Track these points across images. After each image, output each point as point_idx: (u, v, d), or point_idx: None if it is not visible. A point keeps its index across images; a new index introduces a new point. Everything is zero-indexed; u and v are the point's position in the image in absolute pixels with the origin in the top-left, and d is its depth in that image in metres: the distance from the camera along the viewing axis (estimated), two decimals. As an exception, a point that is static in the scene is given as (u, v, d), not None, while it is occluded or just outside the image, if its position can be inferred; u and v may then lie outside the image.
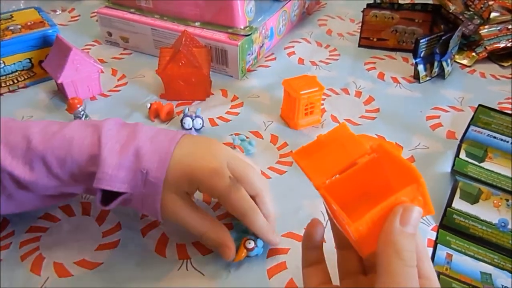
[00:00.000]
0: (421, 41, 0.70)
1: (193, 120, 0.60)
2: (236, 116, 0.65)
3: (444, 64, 0.73)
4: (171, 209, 0.41)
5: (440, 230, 0.47)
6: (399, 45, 0.83)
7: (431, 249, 0.46)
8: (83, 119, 0.61)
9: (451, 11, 0.79)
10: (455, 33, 0.72)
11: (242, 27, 0.72)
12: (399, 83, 0.74)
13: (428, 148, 0.60)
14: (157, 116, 0.64)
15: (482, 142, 0.56)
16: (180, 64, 0.64)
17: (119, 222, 0.48)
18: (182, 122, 0.61)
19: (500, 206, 0.49)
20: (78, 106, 0.60)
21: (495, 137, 0.55)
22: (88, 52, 0.80)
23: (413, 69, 0.75)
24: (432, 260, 0.44)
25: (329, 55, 0.82)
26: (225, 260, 0.43)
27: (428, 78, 0.74)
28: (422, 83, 0.74)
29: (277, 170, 0.56)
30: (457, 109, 0.68)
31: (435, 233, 0.47)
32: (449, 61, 0.74)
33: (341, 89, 0.72)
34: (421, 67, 0.73)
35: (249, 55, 0.73)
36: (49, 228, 0.48)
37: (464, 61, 0.79)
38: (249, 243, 0.43)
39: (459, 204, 0.49)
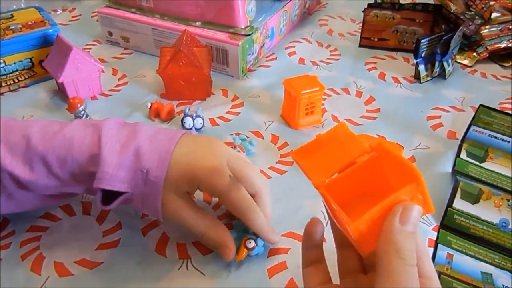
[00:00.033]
0: (422, 41, 0.70)
1: (193, 119, 0.60)
2: (236, 116, 0.65)
3: (445, 64, 0.73)
4: (172, 208, 0.41)
5: (440, 230, 0.47)
6: (400, 45, 0.83)
7: (432, 249, 0.45)
8: (84, 118, 0.61)
9: (452, 11, 0.79)
10: (456, 33, 0.72)
11: (243, 27, 0.72)
12: (400, 83, 0.74)
13: (429, 148, 0.60)
14: (158, 115, 0.64)
15: (483, 142, 0.56)
16: (180, 63, 0.64)
17: (119, 221, 0.48)
18: (182, 121, 0.61)
19: (501, 206, 0.48)
20: (78, 105, 0.60)
21: (496, 137, 0.55)
22: (88, 51, 0.80)
23: (414, 69, 0.74)
24: (433, 260, 0.44)
25: (330, 55, 0.82)
26: (225, 260, 0.43)
27: (429, 78, 0.74)
28: (423, 83, 0.74)
29: (278, 169, 0.56)
30: (458, 109, 0.68)
31: (436, 233, 0.47)
32: (450, 61, 0.74)
33: (341, 89, 0.72)
34: (422, 67, 0.73)
35: (250, 55, 0.73)
36: (50, 227, 0.48)
37: (465, 61, 0.79)
38: (250, 243, 0.43)
39: (460, 204, 0.49)
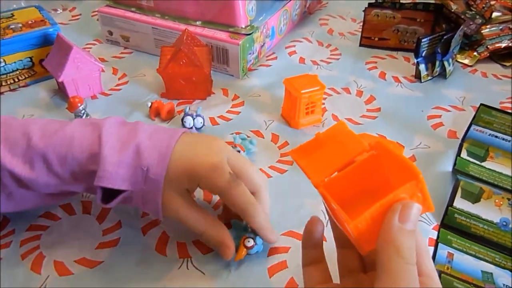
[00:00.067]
0: (422, 40, 0.70)
1: (194, 119, 0.60)
2: (237, 115, 0.65)
3: (445, 63, 0.73)
4: (172, 206, 0.41)
5: (441, 229, 0.47)
6: (400, 44, 0.83)
7: (433, 248, 0.45)
8: (84, 117, 0.61)
9: (453, 11, 0.79)
10: (457, 33, 0.72)
11: (243, 26, 0.72)
12: (401, 83, 0.74)
13: (429, 147, 0.60)
14: (158, 115, 0.64)
15: (483, 141, 0.56)
16: (181, 63, 0.64)
17: (119, 220, 0.48)
18: (183, 121, 0.61)
19: (501, 205, 0.48)
20: (78, 105, 0.60)
21: (496, 137, 0.55)
22: (89, 51, 0.80)
23: (415, 69, 0.74)
24: (433, 259, 0.44)
25: (330, 55, 0.82)
26: (224, 259, 0.43)
27: (429, 77, 0.74)
28: (423, 82, 0.73)
29: (278, 169, 0.56)
30: (459, 108, 0.68)
31: (436, 232, 0.47)
32: (450, 60, 0.74)
33: (342, 88, 0.72)
34: (422, 67, 0.73)
35: (250, 54, 0.73)
36: (50, 226, 0.48)
37: (465, 61, 0.79)
38: (248, 242, 0.43)
39: (460, 203, 0.49)
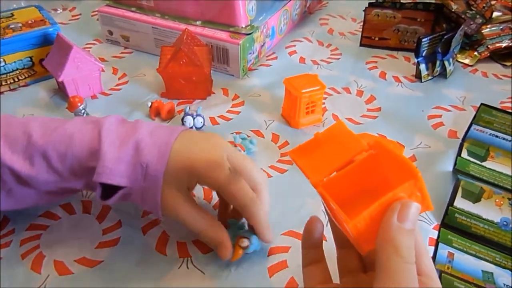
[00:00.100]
0: (423, 40, 0.70)
1: (194, 118, 0.60)
2: (237, 115, 0.65)
3: (446, 63, 0.73)
4: (171, 204, 0.41)
5: (441, 228, 0.47)
6: (401, 44, 0.83)
7: (433, 248, 0.45)
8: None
9: (453, 10, 0.79)
10: (457, 32, 0.72)
11: (243, 26, 0.72)
12: (401, 82, 0.74)
13: (429, 147, 0.60)
14: (158, 114, 0.64)
15: (484, 141, 0.56)
16: (181, 62, 0.64)
17: (119, 220, 0.48)
18: (183, 120, 0.60)
19: (502, 205, 0.48)
20: (78, 104, 0.60)
21: (497, 136, 0.55)
22: (89, 50, 0.80)
23: (415, 68, 0.74)
24: (433, 258, 0.44)
25: (331, 54, 0.82)
26: (222, 259, 0.43)
27: (430, 77, 0.74)
28: (424, 82, 0.73)
29: (278, 168, 0.56)
30: (459, 108, 0.68)
31: (437, 232, 0.47)
32: (451, 60, 0.74)
33: (342, 88, 0.72)
34: (423, 66, 0.73)
35: (250, 54, 0.73)
36: (50, 226, 0.47)
37: (466, 61, 0.79)
38: (243, 242, 0.43)
39: (461, 203, 0.49)
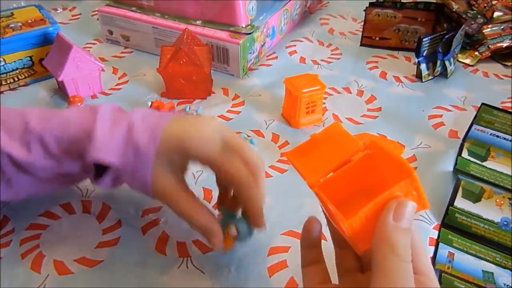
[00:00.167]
0: (423, 40, 0.70)
1: (194, 118, 0.60)
2: (237, 114, 0.65)
3: (446, 63, 0.73)
4: (161, 185, 0.39)
5: (442, 228, 0.47)
6: (401, 44, 0.83)
7: (433, 248, 0.45)
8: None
9: (454, 10, 0.79)
10: (458, 32, 0.72)
11: (243, 26, 0.72)
12: (401, 82, 0.74)
13: (430, 147, 0.60)
14: (158, 114, 0.64)
15: (484, 141, 0.56)
16: (181, 62, 0.64)
17: (119, 220, 0.48)
18: (183, 120, 0.60)
19: (502, 204, 0.48)
20: (78, 104, 0.60)
21: (498, 136, 0.55)
22: (89, 50, 0.80)
23: (416, 68, 0.74)
24: (434, 258, 0.44)
25: (331, 54, 0.82)
26: (212, 248, 0.40)
27: (430, 77, 0.74)
28: (424, 82, 0.73)
29: (278, 168, 0.56)
30: (460, 108, 0.68)
31: (437, 232, 0.47)
32: (452, 60, 0.74)
33: (342, 88, 0.72)
34: (423, 66, 0.73)
35: (251, 53, 0.73)
36: (49, 225, 0.47)
37: (467, 60, 0.79)
38: (231, 228, 0.41)
39: (461, 202, 0.49)
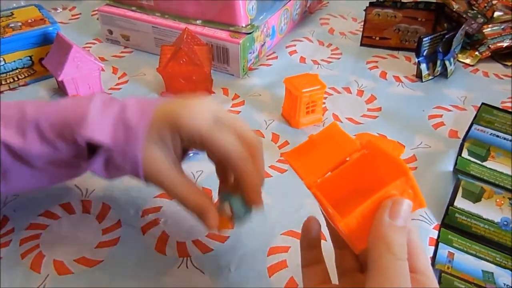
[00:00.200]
0: (424, 39, 0.70)
1: (194, 118, 0.60)
2: (237, 114, 0.65)
3: (447, 63, 0.73)
4: (153, 164, 0.38)
5: (442, 228, 0.47)
6: (401, 44, 0.83)
7: (433, 248, 0.45)
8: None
9: (454, 10, 0.79)
10: (458, 32, 0.72)
11: (243, 25, 0.72)
12: (402, 82, 0.73)
13: (430, 147, 0.60)
14: (158, 114, 0.64)
15: (484, 141, 0.56)
16: (181, 62, 0.64)
17: (119, 220, 0.48)
18: (183, 120, 0.60)
19: (502, 204, 0.48)
20: (78, 103, 0.60)
21: (498, 136, 0.55)
22: (88, 50, 0.80)
23: (416, 68, 0.74)
24: (434, 258, 0.44)
25: (331, 54, 0.81)
26: (208, 229, 0.38)
27: (430, 77, 0.74)
28: (424, 82, 0.73)
29: (278, 168, 0.56)
30: (460, 108, 0.68)
31: (437, 232, 0.47)
32: (452, 60, 0.74)
33: (342, 87, 0.72)
34: (423, 66, 0.73)
35: (251, 53, 0.73)
36: (49, 225, 0.47)
37: (467, 60, 0.79)
38: (224, 206, 0.39)
39: (461, 202, 0.49)
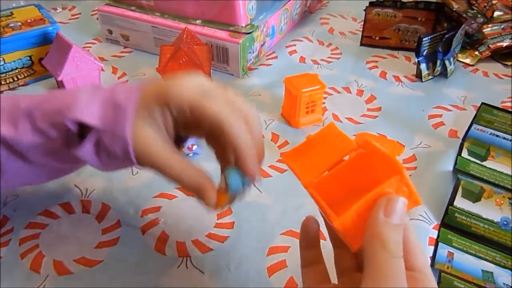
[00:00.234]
0: (423, 39, 0.70)
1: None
2: (237, 114, 0.65)
3: (446, 62, 0.73)
4: (143, 143, 0.36)
5: (441, 228, 0.47)
6: (401, 43, 0.83)
7: (433, 248, 0.45)
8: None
9: (454, 10, 0.79)
10: (458, 32, 0.72)
11: (243, 25, 0.72)
12: (401, 82, 0.73)
13: (430, 147, 0.60)
14: (158, 114, 0.64)
15: (484, 140, 0.56)
16: (180, 62, 0.64)
17: (119, 220, 0.48)
18: (182, 120, 0.60)
19: (502, 204, 0.48)
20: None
21: (497, 136, 0.55)
22: (88, 50, 0.80)
23: (416, 68, 0.74)
24: (433, 258, 0.44)
25: (331, 54, 0.81)
26: (207, 205, 0.36)
27: (430, 77, 0.74)
28: (424, 82, 0.73)
29: (278, 168, 0.55)
30: (460, 108, 0.68)
31: (437, 232, 0.47)
32: (452, 59, 0.74)
33: (342, 87, 0.72)
34: (423, 66, 0.73)
35: (250, 53, 0.73)
36: (49, 224, 0.47)
37: (467, 60, 0.79)
38: (220, 181, 0.37)
39: (461, 202, 0.49)
